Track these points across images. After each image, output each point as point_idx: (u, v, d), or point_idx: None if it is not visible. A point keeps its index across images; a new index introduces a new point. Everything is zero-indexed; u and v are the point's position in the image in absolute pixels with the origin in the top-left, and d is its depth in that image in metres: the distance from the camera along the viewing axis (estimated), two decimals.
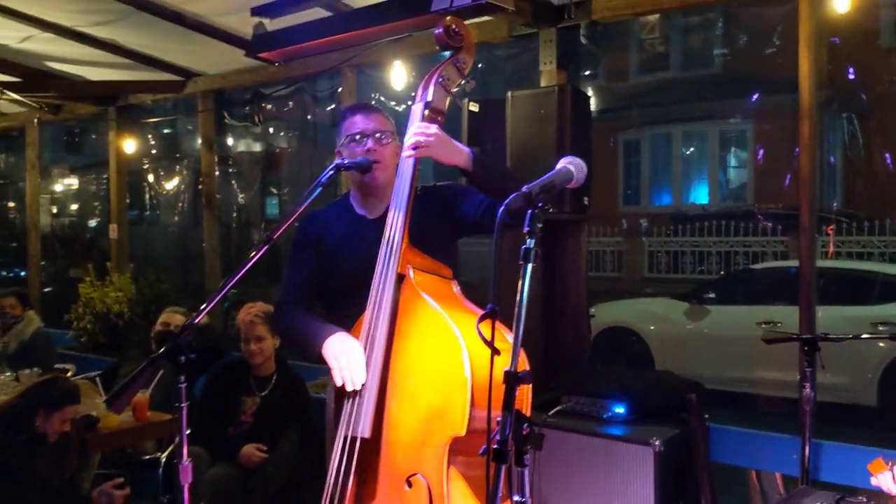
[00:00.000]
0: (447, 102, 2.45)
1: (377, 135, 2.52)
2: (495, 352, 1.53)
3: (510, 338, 1.89)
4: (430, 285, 2.28)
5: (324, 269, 2.61)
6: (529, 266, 1.52)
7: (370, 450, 2.27)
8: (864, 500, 2.66)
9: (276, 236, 2.27)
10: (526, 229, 1.56)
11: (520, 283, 1.51)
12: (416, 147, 2.32)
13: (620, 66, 16.80)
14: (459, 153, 2.36)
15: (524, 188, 1.60)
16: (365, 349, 2.29)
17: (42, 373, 4.57)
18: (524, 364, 2.03)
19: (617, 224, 15.55)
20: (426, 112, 2.39)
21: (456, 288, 2.36)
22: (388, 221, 2.35)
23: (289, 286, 2.65)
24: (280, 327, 2.59)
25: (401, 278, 2.28)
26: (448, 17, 2.43)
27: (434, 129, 2.33)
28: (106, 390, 4.61)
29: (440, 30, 2.40)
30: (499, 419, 1.44)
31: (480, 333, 1.55)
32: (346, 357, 2.29)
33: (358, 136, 2.51)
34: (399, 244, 2.29)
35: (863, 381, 6.99)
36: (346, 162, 2.43)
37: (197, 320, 2.25)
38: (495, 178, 2.42)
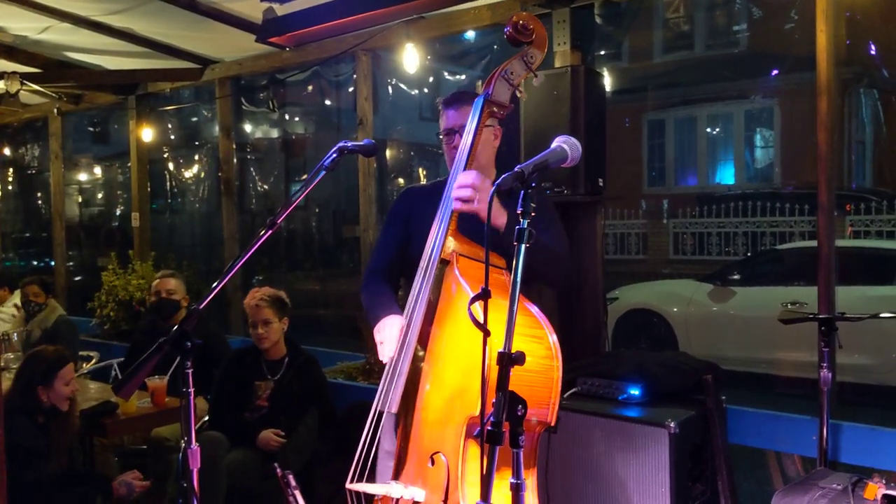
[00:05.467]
0: (509, 96, 2.48)
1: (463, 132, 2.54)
2: (486, 333, 1.52)
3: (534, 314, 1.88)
4: (473, 272, 2.30)
5: (407, 241, 2.70)
6: (524, 247, 1.50)
7: (407, 428, 2.35)
8: (883, 480, 2.62)
9: (279, 220, 2.27)
10: (519, 209, 1.53)
11: (514, 263, 1.49)
12: (465, 201, 2.30)
13: (644, 46, 16.60)
14: (502, 216, 2.36)
15: (517, 167, 1.57)
16: (403, 328, 2.38)
17: None
18: (546, 344, 2.04)
19: (641, 206, 15.44)
20: (485, 106, 2.43)
21: (506, 277, 2.35)
22: (440, 207, 2.40)
23: (375, 256, 2.82)
24: (362, 300, 2.67)
25: (445, 263, 2.34)
26: (517, 14, 2.44)
27: (487, 186, 2.30)
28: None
29: (509, 27, 2.41)
30: (493, 400, 1.43)
31: (471, 315, 1.54)
32: (383, 334, 2.44)
33: (445, 134, 2.62)
34: (446, 230, 2.35)
35: (888, 362, 6.88)
36: (349, 145, 2.42)
37: (203, 305, 2.25)
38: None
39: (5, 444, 2.08)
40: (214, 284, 2.28)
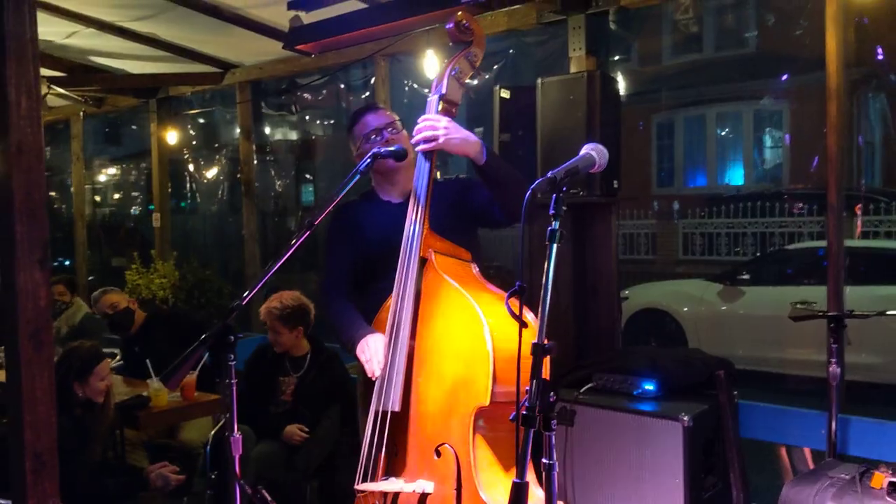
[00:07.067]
0: (461, 94, 2.60)
1: (389, 128, 2.76)
2: (523, 325, 1.64)
3: (530, 316, 2.02)
4: (451, 267, 2.43)
5: (358, 252, 2.80)
6: (555, 246, 1.62)
7: (401, 424, 2.42)
8: (890, 471, 2.73)
9: (316, 222, 2.38)
10: (552, 212, 1.66)
11: (546, 262, 1.61)
12: (427, 140, 2.47)
13: (653, 49, 16.67)
14: (471, 145, 2.50)
15: (549, 173, 1.70)
16: (391, 331, 2.46)
17: None
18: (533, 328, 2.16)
19: (650, 206, 15.50)
20: (441, 104, 2.54)
21: (475, 269, 2.51)
22: (410, 210, 2.51)
23: (330, 275, 2.87)
24: (327, 317, 2.79)
25: (423, 262, 2.44)
26: (459, 13, 2.54)
27: (445, 121, 2.48)
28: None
29: (451, 25, 2.52)
30: (527, 388, 1.55)
31: (510, 309, 1.66)
32: (369, 350, 2.53)
33: (374, 135, 2.75)
34: (420, 230, 2.45)
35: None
36: (382, 150, 2.54)
37: (244, 302, 2.37)
38: (502, 172, 2.58)
39: None
40: (246, 293, 2.37)
